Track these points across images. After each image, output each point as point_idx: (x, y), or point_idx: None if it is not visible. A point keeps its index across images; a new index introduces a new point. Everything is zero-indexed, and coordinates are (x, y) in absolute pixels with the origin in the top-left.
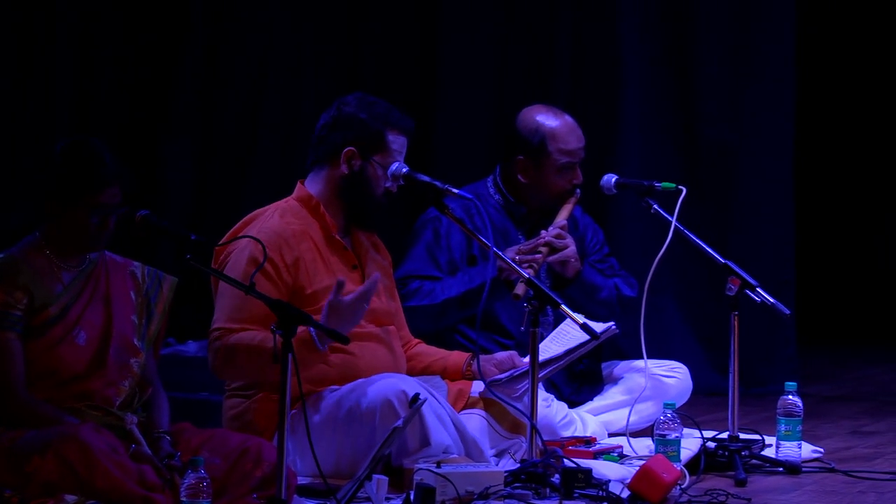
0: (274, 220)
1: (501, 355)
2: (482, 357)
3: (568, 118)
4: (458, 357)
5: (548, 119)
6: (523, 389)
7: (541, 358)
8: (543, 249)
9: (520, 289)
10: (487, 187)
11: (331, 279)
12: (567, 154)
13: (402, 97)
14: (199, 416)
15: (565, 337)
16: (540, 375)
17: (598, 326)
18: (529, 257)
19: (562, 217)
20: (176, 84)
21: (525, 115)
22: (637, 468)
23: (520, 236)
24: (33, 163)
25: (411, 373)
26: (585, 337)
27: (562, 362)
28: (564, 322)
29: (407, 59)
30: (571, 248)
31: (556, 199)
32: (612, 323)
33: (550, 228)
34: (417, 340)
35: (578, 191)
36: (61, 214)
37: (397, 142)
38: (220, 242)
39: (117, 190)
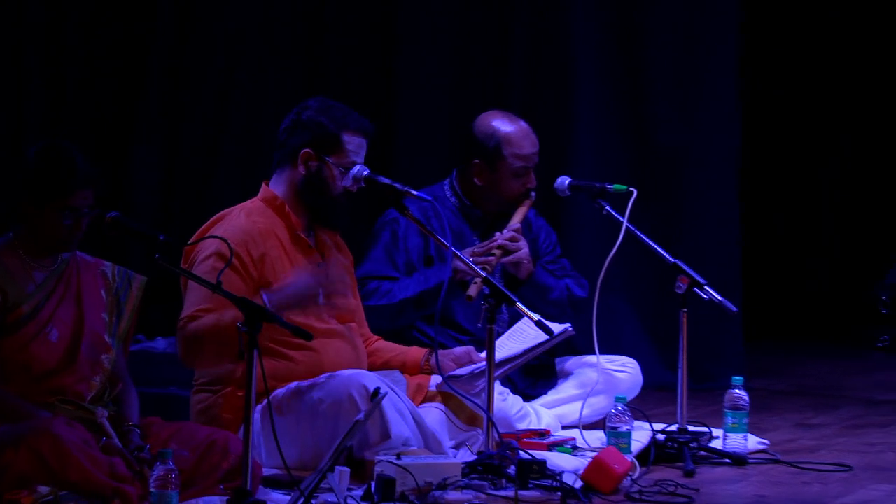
0: (241, 218)
1: (459, 350)
2: (440, 352)
3: (523, 124)
4: (416, 352)
5: (503, 124)
6: (481, 387)
7: (499, 356)
8: (497, 252)
9: (472, 290)
10: (444, 190)
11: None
12: (521, 158)
13: (363, 102)
14: (168, 410)
15: (522, 335)
16: (497, 374)
17: (556, 328)
18: (483, 259)
19: (515, 220)
20: (144, 87)
21: (481, 121)
22: (589, 459)
23: (475, 238)
24: (5, 166)
25: (372, 368)
26: (543, 337)
27: (519, 361)
28: (521, 321)
29: (368, 66)
30: (524, 251)
31: (511, 202)
32: (568, 325)
33: (504, 231)
34: (377, 337)
35: (532, 194)
36: (35, 216)
37: (353, 142)
38: (189, 242)
39: (89, 192)
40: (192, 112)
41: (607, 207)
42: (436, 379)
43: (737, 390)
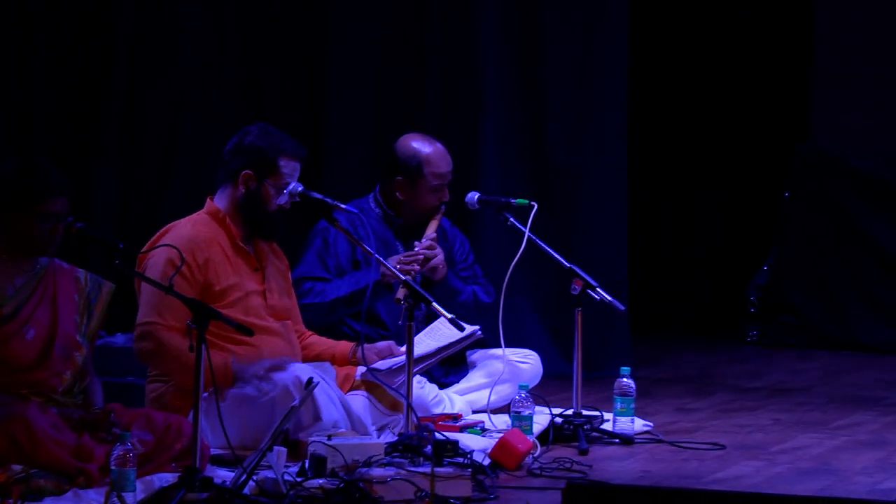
0: (187, 228)
1: (381, 344)
2: (365, 346)
3: (439, 145)
4: (344, 346)
5: (423, 146)
6: (400, 381)
7: (417, 352)
8: (419, 258)
9: (401, 293)
10: (370, 202)
11: (236, 278)
12: (438, 177)
13: (296, 124)
14: (126, 397)
15: (438, 333)
16: (416, 370)
17: (467, 328)
18: (409, 267)
19: (431, 230)
20: (104, 113)
21: (403, 142)
22: (496, 440)
23: (398, 243)
24: None
25: (305, 359)
26: (456, 336)
27: (434, 358)
28: (438, 320)
29: (300, 92)
30: (440, 257)
31: (427, 213)
32: (477, 327)
33: (423, 240)
34: (310, 332)
35: (443, 207)
36: (15, 223)
37: (289, 166)
38: (143, 250)
39: (64, 200)
40: (146, 135)
41: (511, 219)
42: (361, 370)
43: (624, 379)
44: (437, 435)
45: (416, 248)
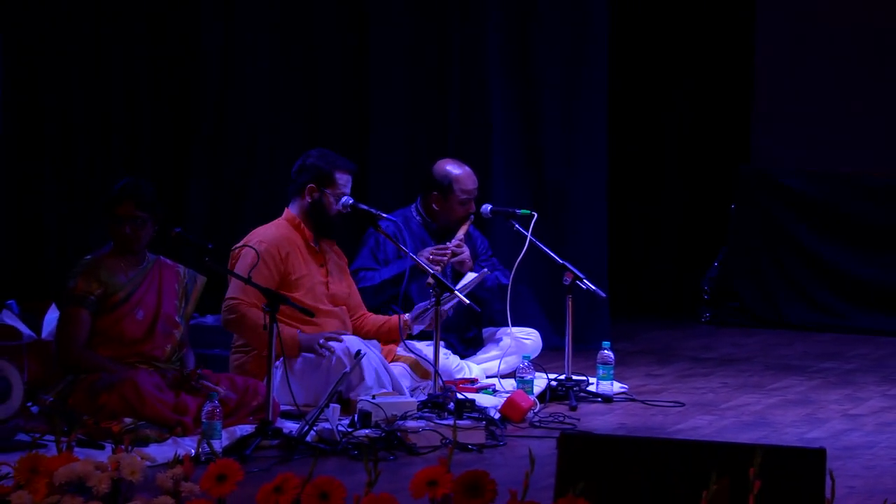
0: (272, 230)
1: (414, 311)
2: (403, 315)
3: (467, 168)
4: (394, 320)
5: (454, 168)
6: (429, 317)
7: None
8: (448, 253)
9: (430, 278)
10: (412, 211)
11: (307, 270)
12: (466, 193)
13: (346, 145)
14: (213, 365)
15: (461, 282)
16: (448, 306)
17: (475, 275)
18: (439, 258)
19: (460, 233)
20: (196, 142)
21: (438, 165)
22: (505, 399)
23: (433, 244)
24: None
25: (360, 331)
26: (471, 278)
27: (451, 302)
28: (464, 277)
29: (349, 117)
30: (466, 254)
31: (457, 221)
32: (485, 269)
33: (453, 241)
34: (366, 311)
35: (472, 216)
36: (110, 226)
37: (343, 178)
38: (235, 248)
39: (131, 204)
40: (228, 157)
41: (517, 226)
42: (400, 346)
43: (605, 351)
44: (458, 395)
45: (447, 246)
